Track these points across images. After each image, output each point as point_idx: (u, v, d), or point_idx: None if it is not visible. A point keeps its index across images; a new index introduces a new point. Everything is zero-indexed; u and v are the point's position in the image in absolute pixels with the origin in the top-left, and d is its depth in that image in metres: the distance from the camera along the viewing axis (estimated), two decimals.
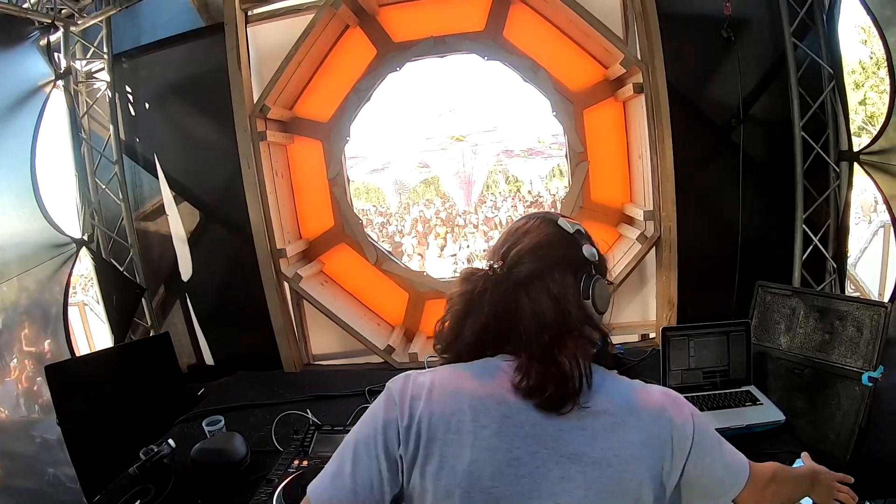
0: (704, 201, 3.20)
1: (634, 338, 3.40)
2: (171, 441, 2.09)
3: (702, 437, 1.01)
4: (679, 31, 2.98)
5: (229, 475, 1.98)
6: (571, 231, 1.06)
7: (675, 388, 2.25)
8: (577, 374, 0.95)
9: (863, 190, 7.14)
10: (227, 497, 1.88)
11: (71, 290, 3.47)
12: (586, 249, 1.04)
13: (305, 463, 1.94)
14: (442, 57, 3.43)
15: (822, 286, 3.09)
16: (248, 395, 2.76)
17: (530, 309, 0.99)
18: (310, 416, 2.30)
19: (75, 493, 2.71)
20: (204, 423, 2.23)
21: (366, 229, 3.64)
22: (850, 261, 3.78)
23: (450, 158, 12.03)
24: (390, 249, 6.31)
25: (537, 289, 1.00)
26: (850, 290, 3.66)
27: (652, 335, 3.29)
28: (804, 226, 3.05)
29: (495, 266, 1.03)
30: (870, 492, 2.30)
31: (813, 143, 2.96)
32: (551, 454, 0.93)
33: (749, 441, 2.01)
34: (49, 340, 3.21)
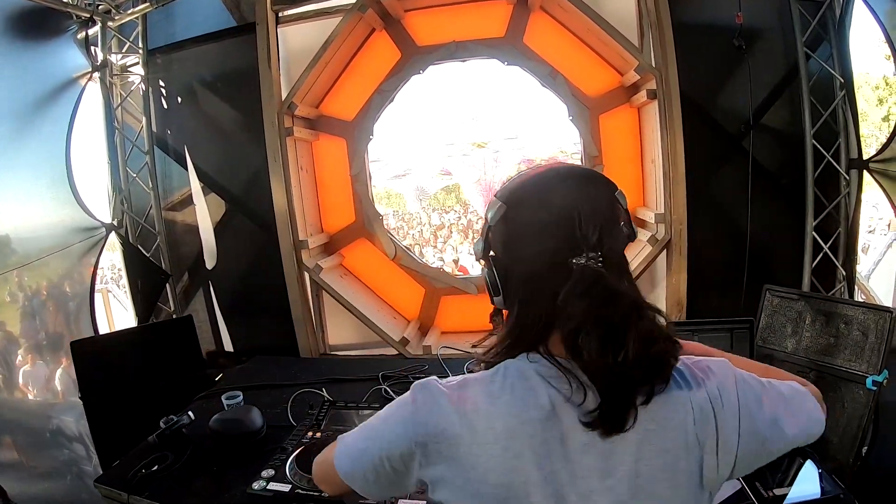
0: (715, 206, 3.26)
1: None
2: (190, 413, 2.18)
3: None
4: (693, 40, 3.05)
5: (245, 445, 2.07)
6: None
7: None
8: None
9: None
10: (242, 465, 1.96)
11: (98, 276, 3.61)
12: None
13: (318, 435, 2.02)
14: (464, 61, 3.51)
15: (831, 293, 3.12)
16: (265, 376, 2.85)
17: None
18: (324, 393, 2.39)
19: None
20: (223, 397, 2.31)
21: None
22: (864, 272, 3.78)
23: (471, 165, 12.07)
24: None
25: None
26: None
27: None
28: (814, 233, 3.09)
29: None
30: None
31: (824, 152, 3.01)
32: None
33: None
34: (75, 318, 3.35)
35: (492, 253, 0.92)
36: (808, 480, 1.79)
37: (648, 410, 0.82)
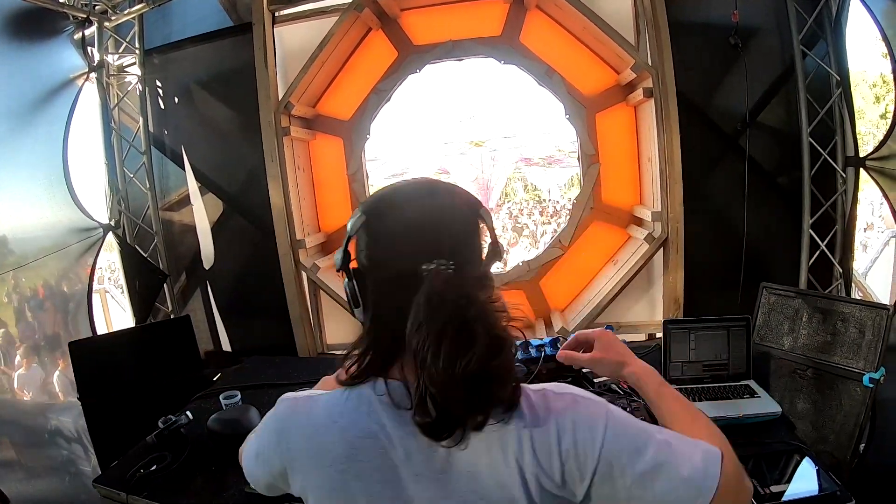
0: (712, 204, 3.27)
1: (641, 337, 3.44)
2: (188, 413, 2.18)
3: None
4: (689, 38, 3.06)
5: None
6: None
7: (674, 380, 2.30)
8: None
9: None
10: (240, 464, 1.95)
11: (95, 276, 3.61)
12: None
13: None
14: (460, 60, 3.51)
15: (828, 290, 3.12)
16: (263, 376, 2.84)
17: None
18: None
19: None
20: (221, 397, 2.30)
21: None
22: (861, 270, 3.79)
23: (468, 164, 12.09)
24: None
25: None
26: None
27: (658, 335, 3.33)
28: (811, 231, 3.10)
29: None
30: (873, 502, 2.30)
31: (820, 150, 3.01)
32: None
33: (744, 431, 2.04)
34: (73, 319, 3.35)
35: (352, 265, 0.91)
36: (805, 477, 1.79)
37: (482, 441, 0.81)
